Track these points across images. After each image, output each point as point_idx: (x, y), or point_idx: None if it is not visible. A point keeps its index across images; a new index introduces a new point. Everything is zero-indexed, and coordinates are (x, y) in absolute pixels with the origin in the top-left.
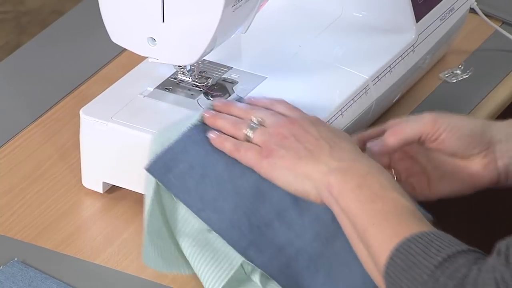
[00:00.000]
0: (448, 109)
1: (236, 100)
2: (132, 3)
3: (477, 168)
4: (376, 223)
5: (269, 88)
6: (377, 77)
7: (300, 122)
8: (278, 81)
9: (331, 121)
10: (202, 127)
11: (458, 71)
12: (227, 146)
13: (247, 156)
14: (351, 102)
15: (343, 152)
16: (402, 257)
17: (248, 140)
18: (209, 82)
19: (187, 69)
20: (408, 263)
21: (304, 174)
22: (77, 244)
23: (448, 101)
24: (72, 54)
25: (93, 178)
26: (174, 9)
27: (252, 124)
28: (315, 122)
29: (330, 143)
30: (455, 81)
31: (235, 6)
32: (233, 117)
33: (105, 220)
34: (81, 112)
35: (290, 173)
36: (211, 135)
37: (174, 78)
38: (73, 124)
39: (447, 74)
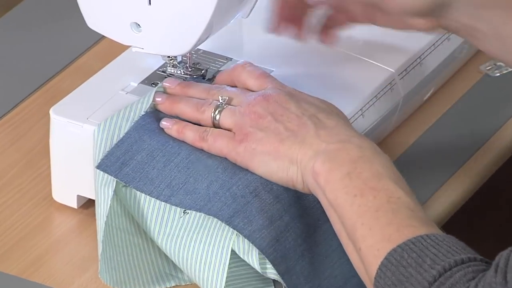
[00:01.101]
0: (489, 108)
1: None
2: None
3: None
4: (366, 223)
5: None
6: (404, 70)
7: (276, 97)
8: (286, 75)
9: (350, 121)
10: (157, 113)
11: (502, 63)
12: (189, 135)
13: (216, 145)
14: (374, 100)
15: (331, 131)
16: (393, 269)
17: (215, 124)
18: (204, 76)
19: (178, 61)
20: (399, 277)
21: (288, 159)
22: (47, 268)
23: (489, 98)
24: (41, 42)
25: (65, 191)
26: None
27: (218, 104)
28: (294, 94)
29: (315, 121)
30: (498, 74)
31: None
32: (192, 98)
33: (80, 240)
34: (51, 111)
35: (271, 159)
36: (165, 123)
37: (163, 71)
38: (42, 125)
39: (488, 66)
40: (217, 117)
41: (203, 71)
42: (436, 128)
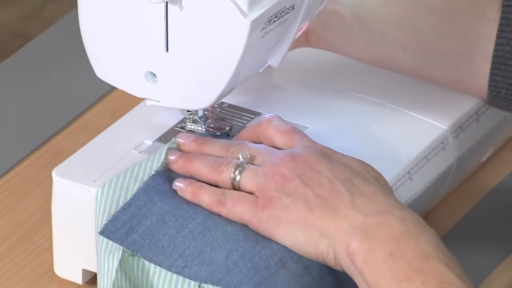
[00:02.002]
0: None
1: None
2: (125, 26)
3: None
4: None
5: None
6: (459, 127)
7: (306, 157)
8: (322, 132)
9: (395, 187)
10: (169, 173)
11: None
12: (205, 198)
13: (236, 210)
14: (424, 161)
15: (369, 200)
16: None
17: (235, 186)
18: (229, 133)
19: (199, 116)
20: None
21: (318, 231)
22: None
23: None
24: (42, 94)
25: (69, 264)
26: (181, 34)
27: (238, 163)
28: (326, 154)
29: (350, 187)
30: None
31: (264, 30)
32: (209, 156)
33: None
34: (53, 173)
35: (298, 230)
36: (178, 184)
37: (182, 128)
38: (41, 190)
39: None
40: (237, 178)
41: (227, 128)
42: (495, 196)
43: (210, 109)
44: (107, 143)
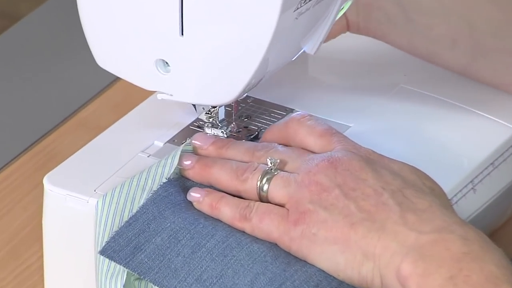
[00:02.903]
0: None
1: None
2: (132, 5)
3: None
4: None
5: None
6: None
7: (347, 163)
8: (367, 132)
9: (455, 199)
10: (183, 181)
11: None
12: (226, 212)
13: (263, 226)
14: (490, 168)
15: (422, 215)
16: None
17: (262, 197)
18: (258, 136)
19: (219, 113)
20: None
21: (362, 252)
22: None
23: None
24: (32, 85)
25: None
26: (199, 14)
27: (266, 170)
28: (371, 160)
29: (400, 199)
30: None
31: (298, 10)
32: (231, 161)
33: None
34: (45, 180)
35: (338, 250)
36: (194, 195)
37: (198, 127)
38: (32, 199)
39: None
40: (265, 187)
41: (254, 134)
42: None
43: (233, 104)
44: (110, 144)
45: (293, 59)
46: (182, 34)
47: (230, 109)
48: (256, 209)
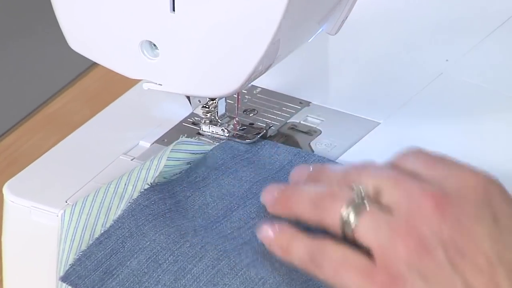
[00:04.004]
0: None
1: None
2: None
3: None
4: None
5: (383, 144)
6: None
7: (459, 205)
8: (400, 131)
9: None
10: (171, 187)
11: None
12: (296, 255)
13: (337, 279)
14: None
15: None
16: None
17: (347, 234)
18: (265, 135)
19: (219, 107)
20: None
21: None
22: None
23: None
24: None
25: None
26: None
27: (355, 197)
28: (490, 202)
29: None
30: None
31: None
32: (310, 187)
33: None
34: (5, 189)
35: None
36: (266, 232)
37: (193, 124)
38: None
39: None
40: (352, 219)
41: (263, 132)
42: None
43: (235, 96)
44: (84, 145)
45: (310, 40)
46: (174, 9)
47: (232, 102)
48: (330, 256)
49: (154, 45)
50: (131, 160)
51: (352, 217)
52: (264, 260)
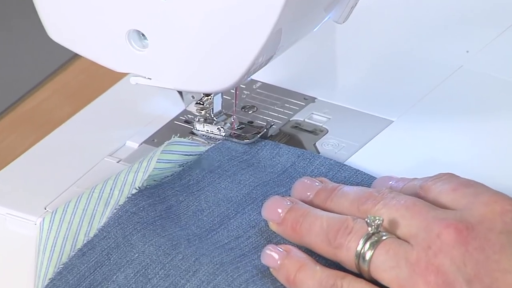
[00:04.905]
0: None
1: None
2: None
3: None
4: None
5: (397, 145)
6: None
7: (483, 236)
8: (415, 129)
9: None
10: (162, 192)
11: None
12: (307, 284)
13: None
14: None
15: None
16: None
17: (361, 270)
18: (266, 135)
19: (214, 103)
20: None
21: None
22: None
23: None
24: None
25: None
26: None
27: (370, 232)
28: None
29: None
30: None
31: None
32: (322, 217)
33: None
34: None
35: None
36: (270, 254)
37: (186, 122)
38: None
39: None
40: (368, 256)
41: (263, 131)
42: None
43: (233, 91)
44: (66, 146)
45: (315, 30)
46: None
47: (229, 98)
48: None
49: (143, 34)
50: (117, 162)
51: (368, 254)
52: (264, 277)
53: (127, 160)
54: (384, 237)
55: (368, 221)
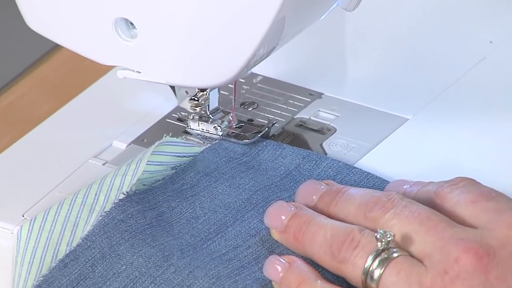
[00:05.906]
0: None
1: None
2: None
3: None
4: None
5: (412, 146)
6: None
7: (505, 263)
8: (433, 127)
9: None
10: (152, 197)
11: None
12: None
13: None
14: None
15: None
16: None
17: (366, 284)
18: (267, 134)
19: (210, 99)
20: None
21: None
22: None
23: None
24: None
25: None
26: None
27: (380, 248)
28: None
29: None
30: None
31: None
32: (326, 227)
33: None
34: None
35: None
36: (272, 265)
37: (179, 120)
38: None
39: None
40: (377, 274)
41: (265, 130)
42: None
43: (231, 86)
44: (46, 146)
45: (322, 18)
46: None
47: (227, 93)
48: None
49: (131, 23)
50: (103, 164)
51: (377, 272)
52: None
53: (113, 162)
54: (395, 254)
55: (378, 236)
